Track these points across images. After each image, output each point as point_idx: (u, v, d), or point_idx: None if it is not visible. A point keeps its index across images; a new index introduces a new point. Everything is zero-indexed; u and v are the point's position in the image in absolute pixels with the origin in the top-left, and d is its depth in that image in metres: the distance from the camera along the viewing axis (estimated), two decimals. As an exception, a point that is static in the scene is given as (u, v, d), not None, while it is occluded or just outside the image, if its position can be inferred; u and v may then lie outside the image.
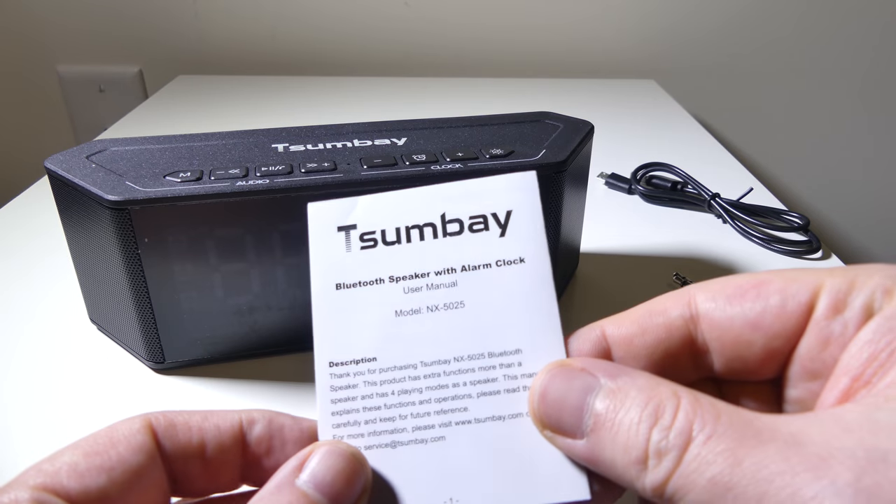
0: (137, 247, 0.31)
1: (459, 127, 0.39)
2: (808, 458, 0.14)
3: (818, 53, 0.89)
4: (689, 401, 0.16)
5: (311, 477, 0.18)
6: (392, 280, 0.22)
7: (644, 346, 0.20)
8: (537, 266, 0.21)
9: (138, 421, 0.19)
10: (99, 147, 0.35)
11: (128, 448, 0.18)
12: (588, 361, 0.19)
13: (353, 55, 0.90)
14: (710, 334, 0.20)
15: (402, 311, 0.21)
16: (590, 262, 0.45)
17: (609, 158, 0.61)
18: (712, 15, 0.87)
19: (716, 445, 0.15)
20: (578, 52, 0.90)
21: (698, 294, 0.20)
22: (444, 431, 0.20)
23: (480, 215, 0.22)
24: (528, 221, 0.22)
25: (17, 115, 0.94)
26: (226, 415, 0.20)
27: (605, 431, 0.17)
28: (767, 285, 0.19)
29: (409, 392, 0.21)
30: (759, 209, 0.51)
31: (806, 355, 0.19)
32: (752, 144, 0.94)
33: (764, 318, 0.19)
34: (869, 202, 0.98)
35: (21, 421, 0.32)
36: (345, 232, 0.22)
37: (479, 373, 0.21)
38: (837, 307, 0.18)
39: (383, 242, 0.22)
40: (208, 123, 0.71)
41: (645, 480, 0.16)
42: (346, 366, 0.21)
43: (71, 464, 0.18)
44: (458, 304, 0.21)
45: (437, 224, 0.22)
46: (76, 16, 0.87)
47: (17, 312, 0.40)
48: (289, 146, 0.35)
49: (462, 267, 0.22)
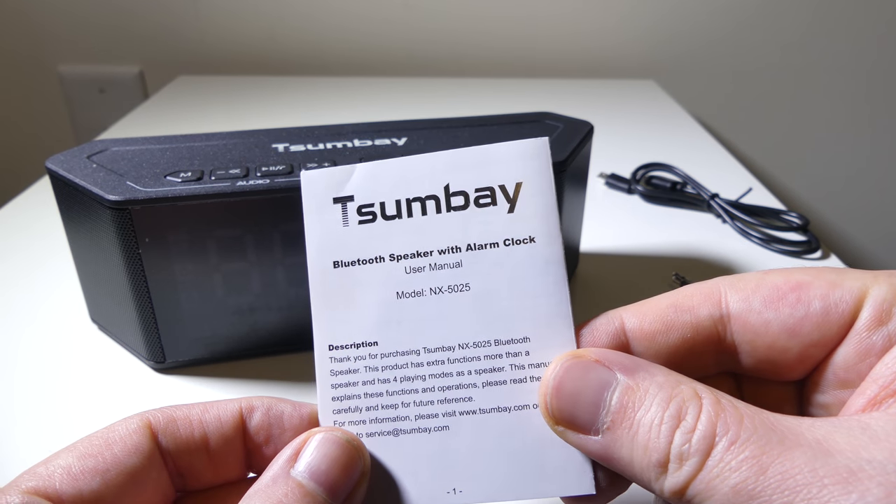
0: (138, 246, 0.31)
1: (459, 127, 0.39)
2: (836, 471, 0.14)
3: (818, 53, 0.89)
4: (711, 402, 0.16)
5: (307, 467, 0.18)
6: (393, 259, 0.20)
7: (667, 344, 0.19)
8: (548, 246, 0.20)
9: (136, 421, 0.19)
10: (100, 147, 0.35)
11: (123, 449, 0.18)
12: (602, 353, 0.18)
13: (353, 55, 0.90)
14: (743, 337, 0.19)
15: (404, 293, 0.20)
16: (589, 262, 0.45)
17: (609, 158, 0.62)
18: (712, 15, 0.87)
19: (740, 452, 0.15)
20: (578, 53, 0.90)
21: (730, 292, 0.19)
22: (448, 421, 0.20)
23: (487, 188, 0.20)
24: (539, 196, 0.20)
25: (18, 115, 0.94)
26: (226, 405, 0.20)
27: (624, 430, 0.17)
28: (808, 289, 0.18)
29: (412, 379, 0.20)
30: (759, 209, 0.51)
31: (842, 364, 0.18)
32: (752, 144, 0.94)
33: (803, 326, 0.18)
34: (868, 202, 0.98)
35: (23, 420, 0.32)
36: (341, 204, 0.21)
37: (484, 361, 0.20)
38: (881, 319, 0.17)
39: (382, 216, 0.21)
40: (209, 124, 0.71)
41: (664, 483, 0.16)
42: (346, 349, 0.20)
43: (65, 467, 0.18)
44: (464, 287, 0.20)
45: (440, 197, 0.21)
46: (77, 16, 0.87)
47: (17, 312, 0.40)
48: (289, 146, 0.36)
49: (468, 246, 0.20)
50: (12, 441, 0.30)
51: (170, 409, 0.20)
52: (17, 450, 0.30)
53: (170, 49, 0.89)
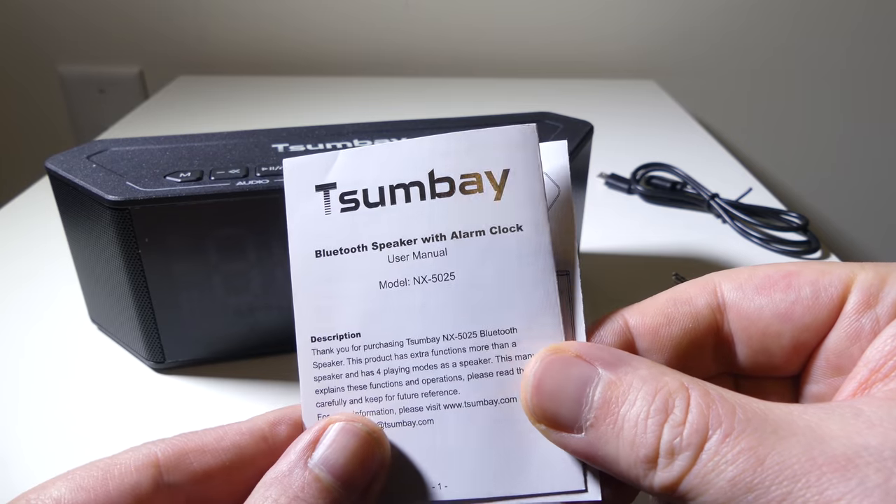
0: (138, 247, 0.31)
1: (459, 127, 0.39)
2: (834, 458, 0.13)
3: (818, 53, 0.89)
4: (699, 393, 0.15)
5: (325, 459, 0.17)
6: (375, 247, 0.20)
7: (670, 336, 0.19)
8: (536, 235, 0.19)
9: (142, 455, 0.18)
10: (99, 147, 0.35)
11: (118, 487, 0.17)
12: (583, 347, 0.18)
13: (354, 55, 0.90)
14: (737, 324, 0.19)
15: (387, 283, 0.20)
16: (589, 262, 0.45)
17: (609, 158, 0.62)
18: (712, 15, 0.87)
19: (735, 444, 0.14)
20: (578, 53, 0.90)
21: (724, 283, 0.19)
22: (433, 414, 0.19)
23: (473, 174, 0.20)
24: (526, 183, 0.19)
25: (18, 115, 0.94)
26: (243, 427, 0.19)
27: (608, 426, 0.16)
28: (798, 276, 0.18)
29: (396, 371, 0.19)
30: (759, 209, 0.51)
31: (833, 350, 0.18)
32: (752, 144, 0.94)
33: (794, 310, 0.18)
34: (868, 202, 0.98)
35: (23, 420, 0.32)
36: (323, 192, 0.20)
37: (470, 353, 0.19)
38: (869, 302, 0.17)
39: (365, 204, 0.20)
40: (209, 124, 0.71)
41: (654, 479, 0.15)
42: (329, 341, 0.20)
43: (56, 499, 0.17)
44: (448, 276, 0.19)
45: (424, 183, 0.20)
46: (77, 16, 0.87)
47: (17, 312, 0.40)
48: (289, 146, 0.36)
49: (452, 234, 0.20)
50: (12, 441, 0.30)
51: (182, 440, 0.19)
52: (17, 450, 0.30)
53: (170, 49, 0.89)
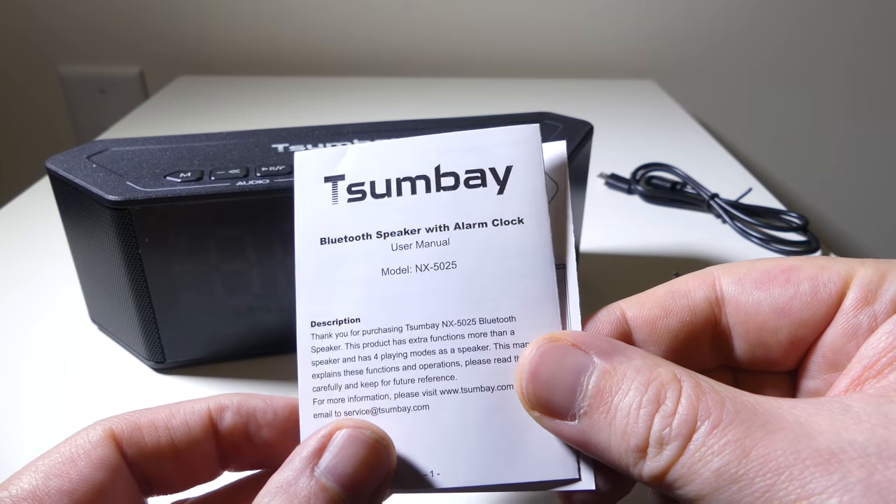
0: (138, 247, 0.31)
1: (460, 127, 0.39)
2: (818, 452, 0.14)
3: (818, 53, 0.89)
4: (691, 385, 0.16)
5: (331, 468, 0.17)
6: (380, 236, 0.20)
7: (667, 328, 0.19)
8: (536, 228, 0.20)
9: (98, 431, 0.18)
10: (100, 147, 0.35)
11: (88, 464, 0.18)
12: (579, 336, 0.18)
13: (353, 55, 0.90)
14: (735, 318, 0.19)
15: (389, 270, 0.20)
16: (589, 262, 0.45)
17: (609, 158, 0.62)
18: (712, 16, 0.87)
19: (722, 435, 0.14)
20: (578, 53, 0.90)
21: (723, 276, 0.19)
22: (428, 400, 0.19)
23: (478, 170, 0.21)
24: (528, 179, 0.20)
25: (18, 115, 0.94)
26: (193, 406, 0.20)
27: (601, 415, 0.16)
28: (797, 271, 0.19)
29: (393, 357, 0.20)
30: (758, 209, 0.51)
31: (830, 345, 0.18)
32: (752, 144, 0.94)
33: (793, 305, 0.18)
34: (868, 202, 0.98)
35: (23, 420, 0.32)
36: (332, 183, 0.21)
37: (468, 339, 0.19)
38: (867, 298, 0.18)
39: (372, 195, 0.21)
40: (209, 124, 0.71)
41: (643, 468, 0.16)
42: (328, 326, 0.20)
43: (30, 490, 0.17)
44: (450, 265, 0.20)
45: (430, 177, 0.21)
46: (77, 16, 0.87)
47: (17, 313, 0.40)
48: (289, 146, 0.36)
49: (456, 224, 0.20)
50: (12, 441, 0.30)
51: (133, 415, 0.19)
52: (17, 450, 0.30)
53: (170, 49, 0.89)
